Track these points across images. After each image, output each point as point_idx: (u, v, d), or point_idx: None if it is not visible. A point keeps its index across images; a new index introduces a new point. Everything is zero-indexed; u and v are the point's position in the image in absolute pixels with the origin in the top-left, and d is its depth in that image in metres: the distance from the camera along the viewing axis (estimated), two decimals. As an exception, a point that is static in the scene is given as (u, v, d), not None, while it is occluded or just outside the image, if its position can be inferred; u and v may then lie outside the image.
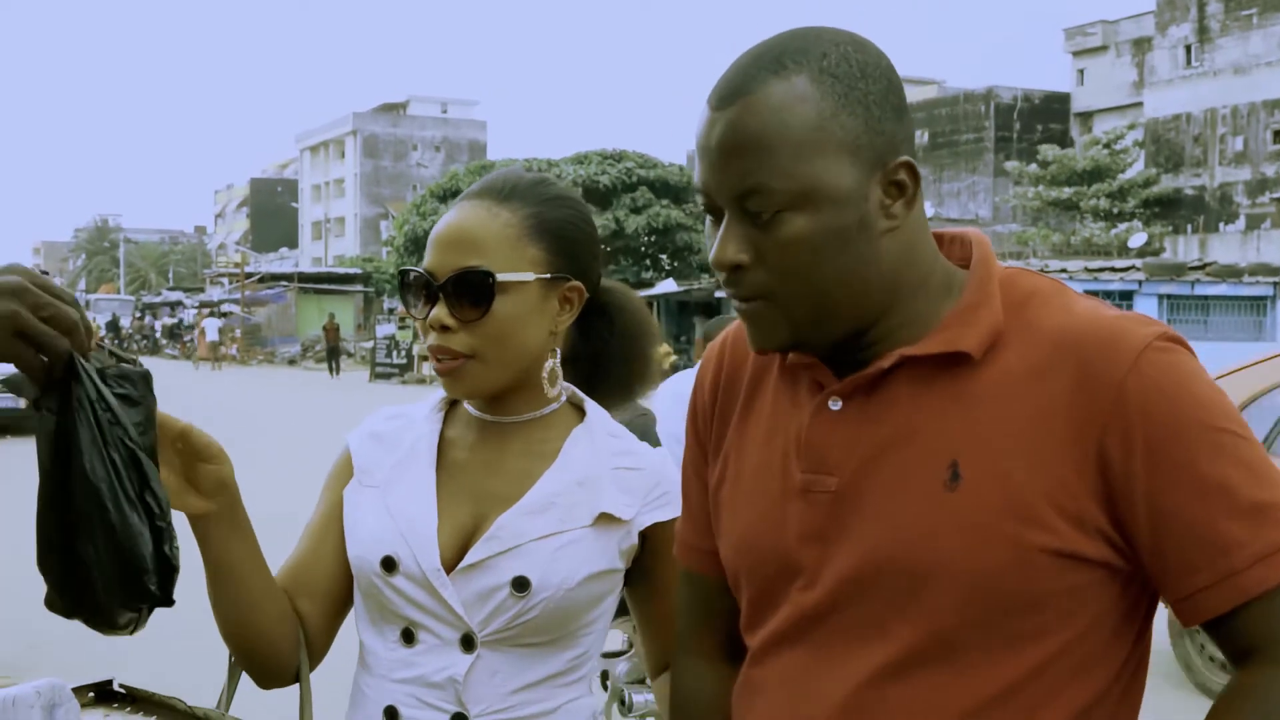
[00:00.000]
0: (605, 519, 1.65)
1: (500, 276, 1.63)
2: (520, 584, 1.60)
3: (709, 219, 1.32)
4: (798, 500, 1.33)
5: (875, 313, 1.30)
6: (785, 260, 1.26)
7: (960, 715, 1.25)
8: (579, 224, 1.74)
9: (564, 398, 1.77)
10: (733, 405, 1.46)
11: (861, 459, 1.30)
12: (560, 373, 1.74)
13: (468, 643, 1.63)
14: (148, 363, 1.74)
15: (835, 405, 1.32)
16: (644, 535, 1.69)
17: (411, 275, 1.68)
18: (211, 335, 42.05)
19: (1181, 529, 1.20)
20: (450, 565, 1.65)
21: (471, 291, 1.63)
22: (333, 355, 37.63)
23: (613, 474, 1.69)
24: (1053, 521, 1.21)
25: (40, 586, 1.41)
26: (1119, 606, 1.26)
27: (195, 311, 52.38)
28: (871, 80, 1.26)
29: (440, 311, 1.64)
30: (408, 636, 1.66)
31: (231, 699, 1.76)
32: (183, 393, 28.28)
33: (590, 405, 1.79)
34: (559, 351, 1.74)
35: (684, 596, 1.56)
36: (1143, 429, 1.20)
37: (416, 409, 1.82)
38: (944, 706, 1.25)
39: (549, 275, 1.68)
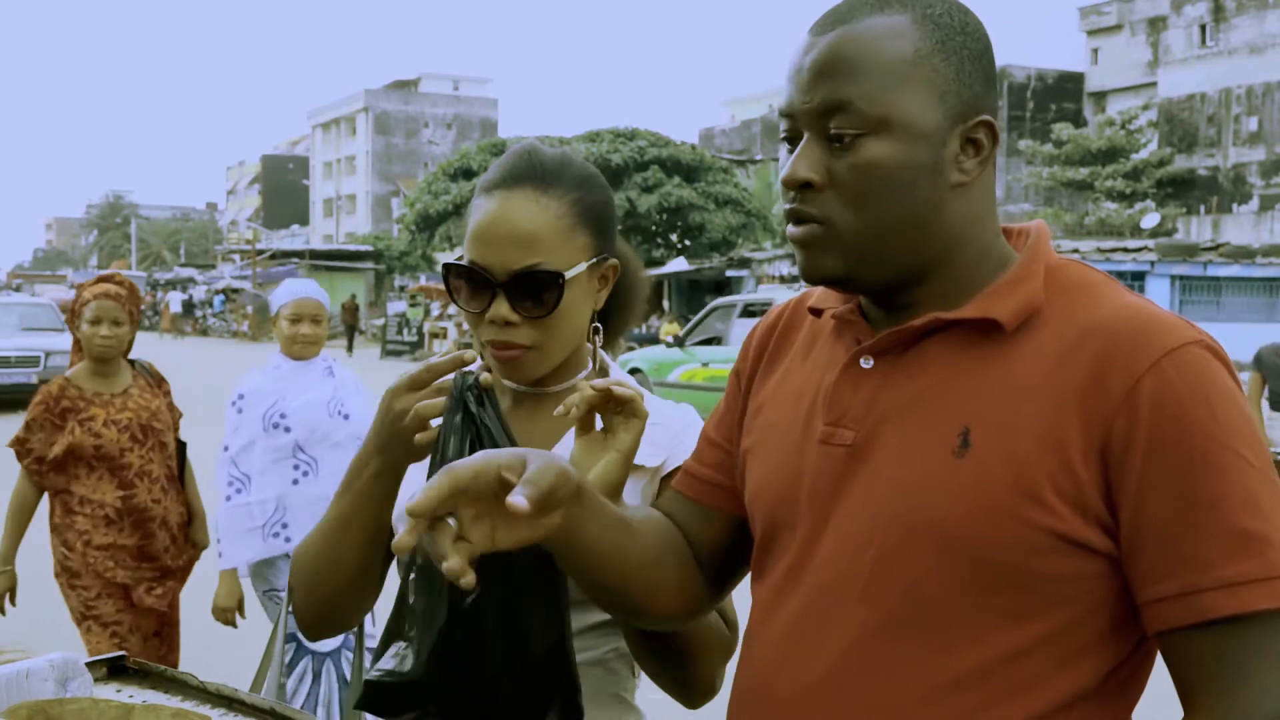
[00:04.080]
0: (633, 470, 1.67)
1: (569, 274, 1.66)
2: None
3: (785, 149, 1.35)
4: (816, 451, 1.35)
5: (928, 265, 1.31)
6: (857, 183, 1.28)
7: (939, 685, 1.25)
8: (610, 202, 1.77)
9: (591, 364, 1.81)
10: (780, 359, 1.48)
11: (880, 416, 1.31)
12: (597, 343, 1.79)
13: None
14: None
15: (866, 363, 1.34)
16: (665, 479, 1.72)
17: (465, 271, 1.68)
18: (175, 308, 47.88)
19: (1160, 534, 1.19)
20: None
21: (538, 289, 1.65)
22: (349, 334, 37.71)
23: None
24: (1054, 504, 1.20)
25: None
26: (1119, 603, 1.24)
27: (206, 289, 52.65)
28: (970, 38, 1.30)
29: (503, 309, 1.66)
30: None
31: (266, 675, 1.78)
32: (199, 367, 28.40)
33: (614, 369, 1.82)
34: (600, 330, 1.79)
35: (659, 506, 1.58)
36: (1148, 428, 1.19)
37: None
38: (924, 674, 1.25)
39: (595, 259, 1.72)
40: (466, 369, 1.57)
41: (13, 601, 4.64)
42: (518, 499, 1.17)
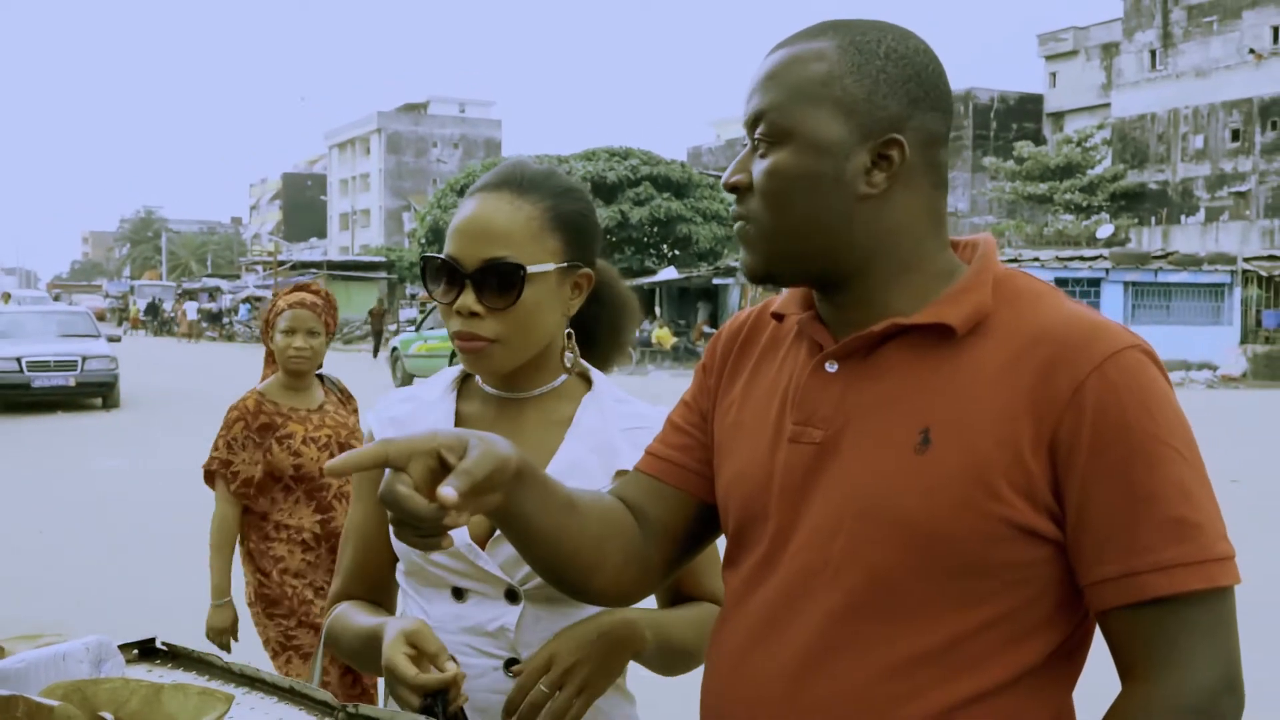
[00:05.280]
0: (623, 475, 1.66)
1: (530, 268, 1.63)
2: None
3: None
4: (785, 448, 1.35)
5: (850, 268, 1.32)
6: (766, 187, 1.32)
7: (900, 661, 1.26)
8: (588, 214, 1.74)
9: (566, 371, 1.78)
10: (745, 362, 1.48)
11: (847, 416, 1.31)
12: (576, 350, 1.76)
13: (512, 596, 1.66)
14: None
15: (831, 367, 1.34)
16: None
17: (437, 262, 1.67)
18: (191, 315, 49.53)
19: (1101, 522, 1.20)
20: (484, 533, 1.66)
21: (501, 281, 1.63)
22: (376, 337, 37.67)
23: (624, 434, 1.70)
24: (1009, 496, 1.22)
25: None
26: (1063, 585, 1.26)
27: (231, 298, 52.70)
28: (893, 64, 1.31)
29: (469, 299, 1.64)
30: (458, 594, 1.68)
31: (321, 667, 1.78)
32: (222, 367, 28.42)
33: (596, 375, 1.80)
34: (573, 335, 1.76)
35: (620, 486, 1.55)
36: (1092, 424, 1.20)
37: (427, 391, 1.81)
38: (886, 653, 1.26)
39: (565, 264, 1.69)
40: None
41: (235, 636, 3.93)
42: (447, 490, 1.17)
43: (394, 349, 25.23)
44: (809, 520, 1.32)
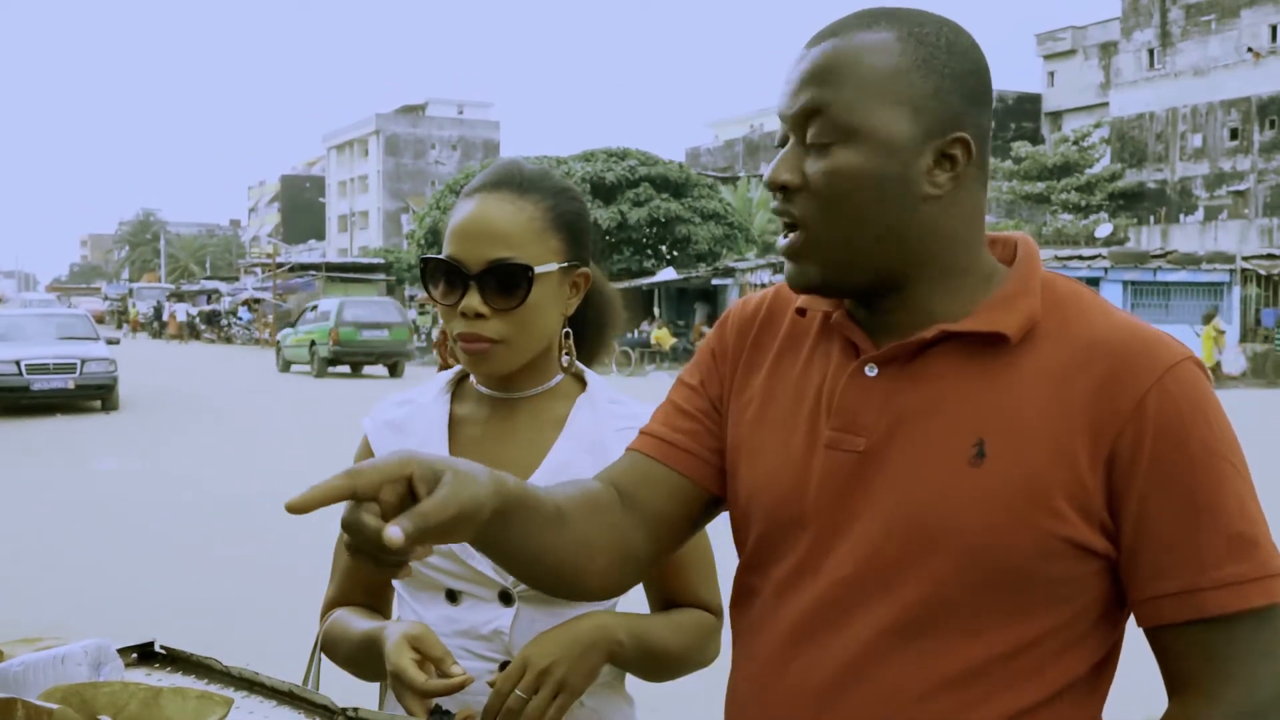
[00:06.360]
0: None
1: (537, 269, 1.63)
2: None
3: (780, 154, 1.31)
4: (823, 455, 1.30)
5: (904, 273, 1.27)
6: (826, 188, 1.24)
7: (951, 676, 1.23)
8: (585, 214, 1.74)
9: (562, 371, 1.78)
10: (762, 355, 1.42)
11: (891, 423, 1.27)
12: (573, 350, 1.76)
13: (505, 598, 1.65)
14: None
15: (871, 371, 1.29)
16: None
17: (440, 264, 1.66)
18: (181, 318, 50.56)
19: (1162, 536, 1.19)
20: None
21: (507, 282, 1.62)
22: None
23: (617, 434, 1.69)
24: (1065, 511, 1.19)
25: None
26: (1108, 598, 1.24)
27: (230, 300, 52.76)
28: (955, 59, 1.25)
29: (474, 300, 1.63)
30: (452, 596, 1.68)
31: (318, 675, 1.78)
32: (217, 369, 28.45)
33: (590, 375, 1.79)
34: (570, 335, 1.75)
35: (617, 466, 1.47)
36: (1153, 439, 1.18)
37: (422, 393, 1.81)
38: (932, 669, 1.23)
39: (566, 264, 1.69)
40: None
41: None
42: (393, 531, 1.07)
43: (277, 341, 32.12)
44: (854, 530, 1.27)
